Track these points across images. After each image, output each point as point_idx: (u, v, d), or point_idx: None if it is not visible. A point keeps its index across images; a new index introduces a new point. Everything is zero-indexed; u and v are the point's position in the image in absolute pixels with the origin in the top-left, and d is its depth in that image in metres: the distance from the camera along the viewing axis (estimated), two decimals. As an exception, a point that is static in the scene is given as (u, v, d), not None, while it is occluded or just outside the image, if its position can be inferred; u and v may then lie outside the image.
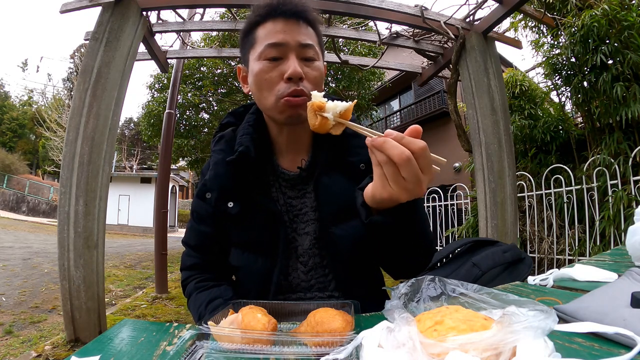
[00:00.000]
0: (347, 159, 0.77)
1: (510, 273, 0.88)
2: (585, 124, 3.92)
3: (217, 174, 0.75)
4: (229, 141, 0.80)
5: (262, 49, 0.68)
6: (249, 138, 0.75)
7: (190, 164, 9.87)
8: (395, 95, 13.10)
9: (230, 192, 0.74)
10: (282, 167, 0.79)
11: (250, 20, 0.72)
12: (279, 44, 0.67)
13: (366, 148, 0.76)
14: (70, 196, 2.06)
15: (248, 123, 0.79)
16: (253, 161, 0.74)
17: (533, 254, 3.63)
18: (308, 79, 0.69)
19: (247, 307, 0.48)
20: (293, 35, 0.68)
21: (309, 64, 0.70)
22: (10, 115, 31.36)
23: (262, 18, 0.70)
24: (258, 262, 0.74)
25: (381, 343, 0.32)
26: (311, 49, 0.70)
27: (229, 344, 0.41)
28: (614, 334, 0.37)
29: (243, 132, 0.78)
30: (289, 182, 0.79)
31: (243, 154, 0.73)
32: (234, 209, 0.74)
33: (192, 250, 0.83)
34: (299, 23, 0.69)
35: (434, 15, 2.70)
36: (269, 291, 0.73)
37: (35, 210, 18.77)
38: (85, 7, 2.27)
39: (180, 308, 3.48)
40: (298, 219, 0.78)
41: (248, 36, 0.73)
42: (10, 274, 4.71)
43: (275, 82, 0.69)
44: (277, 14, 0.69)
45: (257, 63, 0.70)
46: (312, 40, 0.70)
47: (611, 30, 3.25)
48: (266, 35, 0.69)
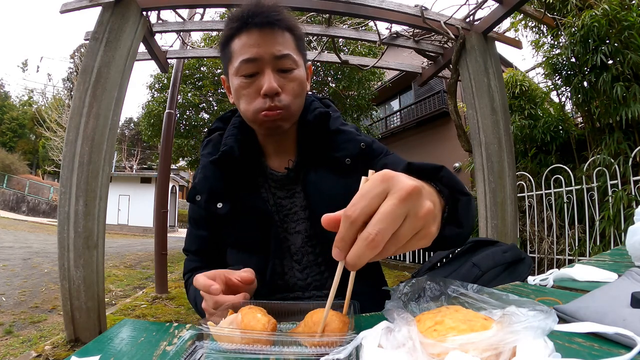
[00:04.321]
0: (333, 155, 0.77)
1: (510, 273, 0.88)
2: (585, 124, 3.92)
3: (205, 177, 0.77)
4: (215, 144, 0.81)
5: (238, 65, 0.68)
6: (233, 139, 0.76)
7: (190, 164, 9.87)
8: (395, 95, 13.08)
9: (218, 193, 0.75)
10: (271, 168, 0.80)
11: (225, 33, 0.71)
12: (253, 59, 0.67)
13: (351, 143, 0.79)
14: (70, 196, 2.05)
15: (233, 125, 0.81)
16: (238, 160, 0.75)
17: (533, 254, 3.64)
18: (286, 91, 0.69)
19: (247, 307, 0.48)
20: (267, 48, 0.67)
21: (286, 75, 0.70)
22: (10, 115, 31.37)
23: (236, 30, 0.69)
24: (252, 260, 0.75)
25: (381, 343, 0.32)
26: (288, 59, 0.69)
27: (228, 344, 0.41)
28: (614, 334, 0.37)
29: (228, 133, 0.79)
30: (278, 182, 0.80)
31: (226, 153, 0.74)
32: (222, 209, 0.74)
33: (194, 255, 0.84)
34: (274, 31, 0.68)
35: (434, 15, 2.70)
36: (263, 287, 0.73)
37: (35, 210, 18.77)
38: (85, 7, 2.27)
39: (180, 308, 3.48)
40: (288, 218, 0.79)
41: (225, 49, 0.73)
42: (10, 274, 4.71)
43: (253, 98, 0.69)
44: (249, 25, 0.67)
45: (235, 78, 0.70)
46: (288, 49, 0.69)
47: (611, 30, 3.25)
48: (240, 49, 0.68)
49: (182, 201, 24.05)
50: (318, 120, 0.77)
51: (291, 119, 0.74)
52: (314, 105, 0.80)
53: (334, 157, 0.77)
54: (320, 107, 0.79)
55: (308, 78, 0.77)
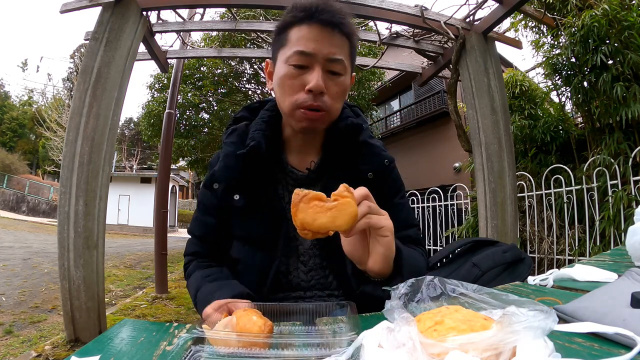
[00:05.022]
0: (357, 166, 0.77)
1: (510, 273, 0.88)
2: (585, 124, 3.92)
3: (226, 166, 0.76)
4: (241, 135, 0.80)
5: (291, 53, 0.68)
6: (262, 134, 0.76)
7: (190, 164, 9.88)
8: (395, 95, 13.09)
9: (237, 185, 0.75)
10: (291, 166, 0.80)
11: (286, 19, 0.70)
12: (308, 53, 0.67)
13: (376, 157, 0.79)
14: (70, 196, 2.05)
15: (262, 119, 0.80)
16: (263, 157, 0.75)
17: (533, 254, 3.63)
18: (330, 93, 0.69)
19: (242, 310, 0.48)
20: (324, 47, 0.67)
21: (334, 77, 0.70)
22: (10, 115, 31.37)
23: (298, 20, 0.68)
24: (257, 256, 0.75)
25: (381, 343, 0.32)
26: (339, 64, 0.69)
27: (224, 348, 0.40)
28: (614, 334, 0.37)
29: (256, 127, 0.78)
30: (297, 181, 0.79)
31: (254, 148, 0.73)
32: (239, 202, 0.74)
33: (198, 240, 0.84)
34: (334, 33, 0.68)
35: (434, 16, 2.70)
36: (265, 286, 0.74)
37: (35, 210, 18.77)
38: (85, 7, 2.27)
39: (180, 308, 3.48)
40: None
41: (280, 35, 0.72)
42: (10, 274, 4.71)
43: (297, 90, 0.69)
44: (313, 19, 0.67)
45: (283, 66, 0.69)
46: (342, 54, 0.69)
47: (611, 30, 3.25)
48: (298, 40, 0.68)
49: (182, 201, 24.06)
50: (349, 130, 0.77)
51: (328, 122, 0.74)
52: (346, 113, 0.80)
53: (358, 169, 0.77)
54: (352, 117, 0.80)
55: (349, 87, 0.78)
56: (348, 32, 0.70)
